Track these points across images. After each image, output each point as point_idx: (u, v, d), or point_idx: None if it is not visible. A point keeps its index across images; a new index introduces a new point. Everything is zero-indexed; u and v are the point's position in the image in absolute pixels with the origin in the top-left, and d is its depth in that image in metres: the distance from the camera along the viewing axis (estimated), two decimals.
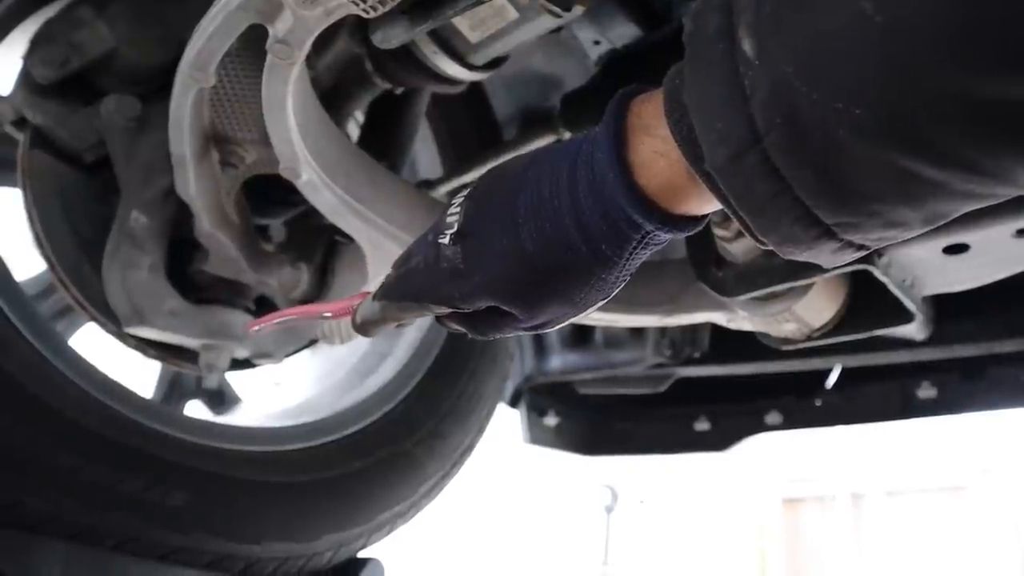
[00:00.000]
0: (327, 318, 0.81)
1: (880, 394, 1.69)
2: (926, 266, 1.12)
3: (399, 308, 0.71)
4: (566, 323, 0.67)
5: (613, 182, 0.56)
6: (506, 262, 0.62)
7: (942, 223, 0.49)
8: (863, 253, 0.53)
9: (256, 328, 0.88)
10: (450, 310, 0.68)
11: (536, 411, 1.98)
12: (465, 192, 0.67)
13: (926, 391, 1.62)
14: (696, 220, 0.59)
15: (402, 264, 0.72)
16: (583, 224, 0.58)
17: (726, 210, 0.53)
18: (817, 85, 0.44)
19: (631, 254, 0.59)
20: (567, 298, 0.62)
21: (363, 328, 0.75)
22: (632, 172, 0.56)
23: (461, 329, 0.71)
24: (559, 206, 0.59)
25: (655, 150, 0.55)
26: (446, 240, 0.65)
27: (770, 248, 0.54)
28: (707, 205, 0.57)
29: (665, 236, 0.59)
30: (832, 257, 0.53)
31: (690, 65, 0.51)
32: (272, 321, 0.86)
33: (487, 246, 0.63)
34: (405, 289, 0.70)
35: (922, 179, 0.45)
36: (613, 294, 0.64)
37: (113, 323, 1.15)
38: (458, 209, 0.65)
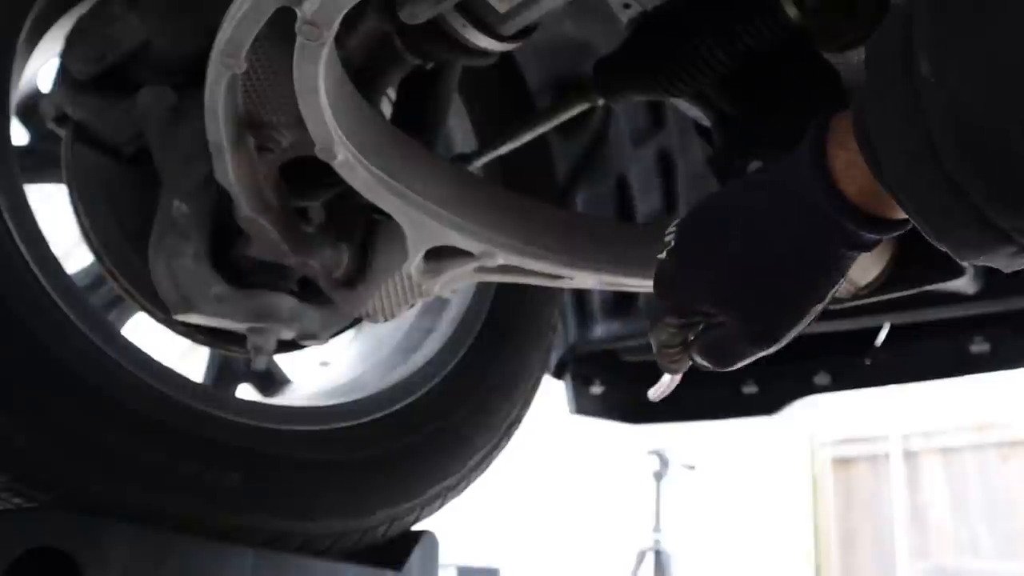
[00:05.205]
0: None
1: (932, 351, 1.65)
2: None
3: (654, 327, 0.78)
4: (793, 334, 0.72)
5: (816, 188, 0.62)
6: (719, 268, 0.68)
7: None
8: None
9: None
10: (681, 321, 0.75)
11: (581, 381, 1.98)
12: (676, 221, 0.75)
13: (979, 346, 1.58)
14: (896, 223, 0.63)
15: None
16: (791, 228, 0.64)
17: (909, 217, 0.58)
18: (993, 105, 0.48)
19: (838, 257, 0.64)
20: (779, 301, 0.68)
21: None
22: (833, 177, 0.61)
23: (708, 365, 0.77)
24: (769, 216, 0.66)
25: (849, 160, 0.60)
26: (663, 255, 0.73)
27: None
28: (901, 210, 0.61)
29: (869, 237, 0.63)
30: (1009, 261, 0.56)
31: (871, 84, 0.56)
32: None
33: (698, 255, 0.71)
34: (650, 305, 0.79)
35: None
36: (828, 297, 0.68)
37: (162, 311, 1.18)
38: (673, 229, 0.73)
